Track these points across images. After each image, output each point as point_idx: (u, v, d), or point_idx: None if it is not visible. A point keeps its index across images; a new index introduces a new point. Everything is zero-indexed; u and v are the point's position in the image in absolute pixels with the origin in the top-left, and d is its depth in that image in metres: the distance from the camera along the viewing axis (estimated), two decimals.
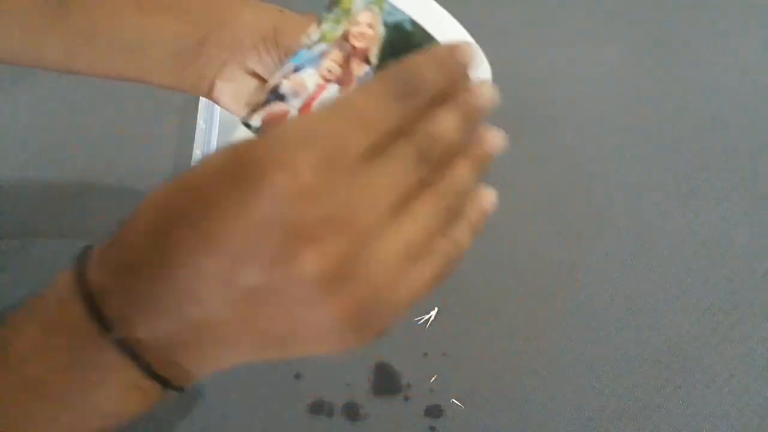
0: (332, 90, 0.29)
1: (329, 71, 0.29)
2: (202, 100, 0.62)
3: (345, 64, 0.29)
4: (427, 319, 0.54)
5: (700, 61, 0.72)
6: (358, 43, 0.29)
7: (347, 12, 0.29)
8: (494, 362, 0.52)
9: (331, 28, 0.29)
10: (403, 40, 0.28)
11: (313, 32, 0.30)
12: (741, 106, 0.68)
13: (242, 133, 0.31)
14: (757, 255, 0.58)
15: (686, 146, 0.65)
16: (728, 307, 0.55)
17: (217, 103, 0.39)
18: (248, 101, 0.37)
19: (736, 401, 0.50)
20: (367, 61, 0.29)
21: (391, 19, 0.28)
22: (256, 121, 0.31)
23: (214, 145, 0.64)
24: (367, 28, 0.29)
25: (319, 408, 0.50)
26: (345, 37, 0.29)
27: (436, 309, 0.54)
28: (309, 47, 0.30)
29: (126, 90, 0.69)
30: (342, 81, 0.29)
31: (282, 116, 0.29)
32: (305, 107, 0.29)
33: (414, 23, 0.28)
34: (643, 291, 0.56)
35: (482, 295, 0.55)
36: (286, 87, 0.30)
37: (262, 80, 0.37)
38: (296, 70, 0.30)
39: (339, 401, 0.50)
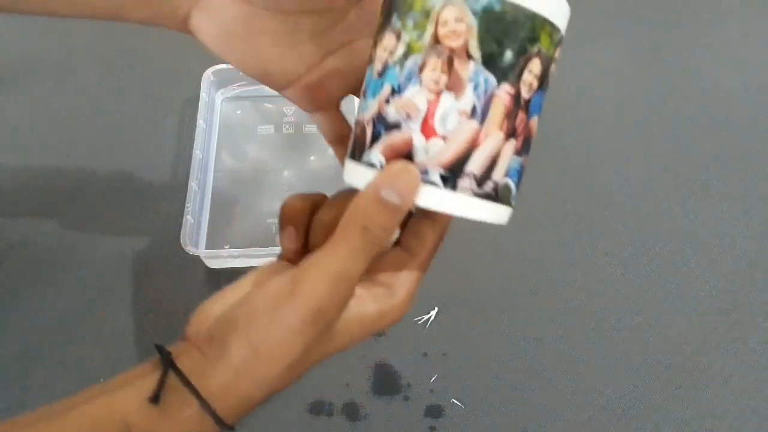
0: (447, 100, 0.27)
1: (435, 82, 0.27)
2: (202, 100, 0.62)
3: (448, 68, 0.26)
4: (427, 319, 0.54)
5: (700, 61, 0.73)
6: (454, 43, 0.26)
7: (427, 13, 0.26)
8: (494, 362, 0.52)
9: (417, 36, 0.27)
10: (497, 21, 0.26)
11: (394, 46, 0.27)
12: (741, 106, 0.68)
13: (366, 174, 0.28)
14: (757, 255, 0.58)
15: (686, 146, 0.65)
16: (728, 307, 0.55)
17: (196, 37, 0.35)
18: (339, 141, 0.36)
19: (736, 401, 0.50)
20: (469, 56, 0.26)
21: (478, 6, 0.26)
22: (377, 156, 0.28)
23: (213, 144, 0.64)
24: (457, 24, 0.26)
25: (319, 408, 0.50)
26: (436, 41, 0.26)
27: (436, 309, 0.54)
28: (396, 63, 0.27)
29: (126, 90, 0.69)
30: (452, 87, 0.27)
31: (406, 144, 0.27)
32: (425, 127, 0.27)
33: (502, 1, 0.26)
34: (643, 291, 0.56)
35: (482, 295, 0.55)
36: (392, 113, 0.27)
37: (247, 4, 0.33)
38: (395, 92, 0.27)
39: (339, 401, 0.50)
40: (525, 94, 0.27)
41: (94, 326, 0.53)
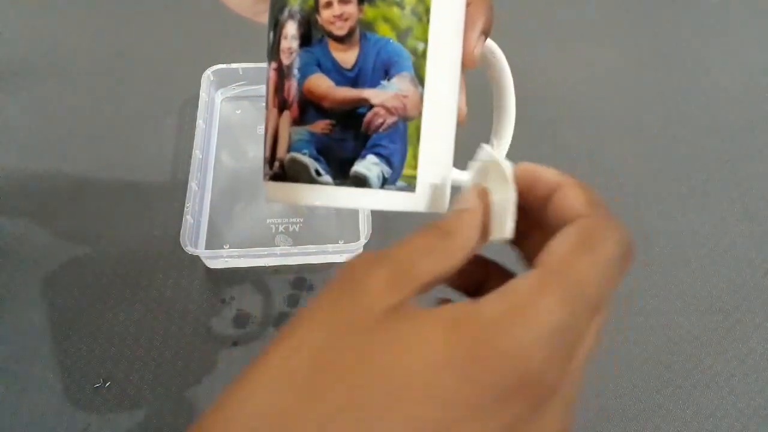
0: None
1: None
2: (202, 100, 0.62)
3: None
4: None
5: (700, 61, 0.73)
6: None
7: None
8: None
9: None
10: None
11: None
12: (741, 105, 0.68)
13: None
14: (757, 255, 0.58)
15: (686, 146, 0.65)
16: (728, 307, 0.55)
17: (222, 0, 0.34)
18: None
19: (737, 401, 0.50)
20: None
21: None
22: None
23: (213, 144, 0.64)
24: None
25: None
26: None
27: None
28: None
29: (126, 90, 0.69)
30: None
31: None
32: None
33: None
34: (643, 291, 0.56)
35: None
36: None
37: None
38: None
39: None
40: (286, 60, 0.27)
41: (94, 326, 0.53)
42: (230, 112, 0.67)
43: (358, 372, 0.18)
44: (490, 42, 0.30)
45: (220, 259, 0.55)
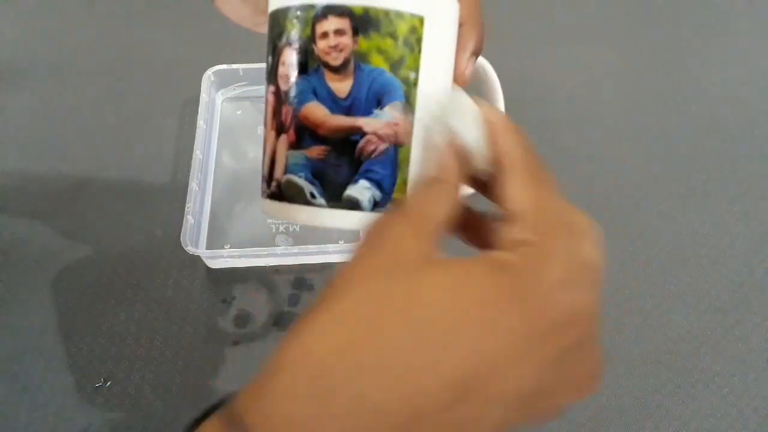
0: None
1: None
2: (203, 100, 0.62)
3: None
4: None
5: (700, 61, 0.73)
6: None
7: None
8: None
9: None
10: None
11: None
12: (741, 106, 0.68)
13: None
14: (757, 255, 0.58)
15: (686, 146, 0.65)
16: (728, 307, 0.55)
17: (222, 11, 0.35)
18: None
19: (736, 401, 0.50)
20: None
21: None
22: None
23: (214, 145, 0.64)
24: None
25: None
26: None
27: None
28: None
29: (126, 90, 0.69)
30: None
31: None
32: None
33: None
34: (643, 291, 0.56)
35: None
36: None
37: None
38: None
39: None
40: (283, 86, 0.28)
41: (94, 326, 0.53)
42: (231, 113, 0.67)
43: (414, 308, 0.20)
44: (481, 59, 0.31)
45: (221, 259, 0.55)
